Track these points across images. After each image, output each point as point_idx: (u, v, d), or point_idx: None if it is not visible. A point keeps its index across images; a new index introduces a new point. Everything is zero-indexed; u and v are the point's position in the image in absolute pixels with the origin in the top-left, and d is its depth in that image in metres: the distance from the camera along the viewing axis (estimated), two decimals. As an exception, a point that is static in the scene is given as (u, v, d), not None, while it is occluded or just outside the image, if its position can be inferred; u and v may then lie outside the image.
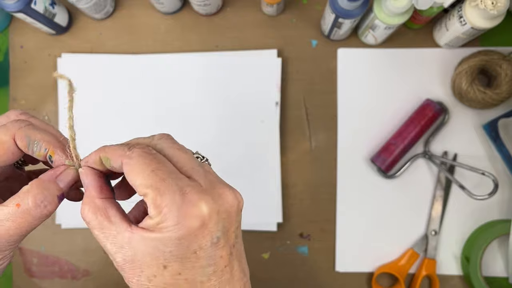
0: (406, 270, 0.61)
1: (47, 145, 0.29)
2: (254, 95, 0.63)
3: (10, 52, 0.65)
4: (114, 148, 0.27)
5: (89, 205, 0.26)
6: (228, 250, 0.26)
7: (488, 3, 0.50)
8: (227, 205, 0.26)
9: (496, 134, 0.59)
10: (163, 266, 0.24)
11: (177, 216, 0.24)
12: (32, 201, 0.26)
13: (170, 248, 0.24)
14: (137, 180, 0.25)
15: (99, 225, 0.26)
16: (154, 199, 0.24)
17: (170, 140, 0.29)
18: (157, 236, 0.24)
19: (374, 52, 0.63)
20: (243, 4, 0.64)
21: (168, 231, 0.24)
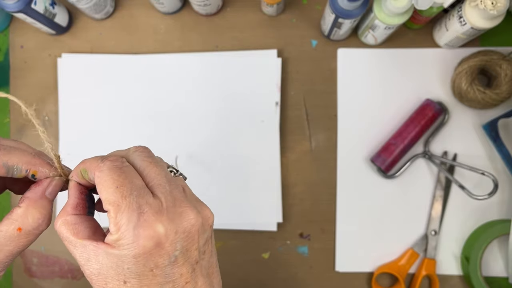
0: (406, 270, 0.61)
1: (27, 166, 0.29)
2: (254, 95, 0.63)
3: (10, 52, 0.66)
4: (91, 160, 0.28)
5: (61, 219, 0.28)
6: (190, 267, 0.27)
7: (488, 3, 0.50)
8: (187, 224, 0.27)
9: (496, 134, 0.59)
10: (123, 281, 0.25)
11: (132, 235, 0.25)
12: (33, 222, 0.27)
13: (127, 265, 0.25)
14: (103, 195, 0.26)
15: (67, 238, 0.27)
16: (114, 217, 0.25)
17: (144, 153, 0.29)
18: (116, 252, 0.25)
19: (374, 52, 0.63)
20: (243, 4, 0.65)
21: (124, 248, 0.25)
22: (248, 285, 0.63)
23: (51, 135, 0.65)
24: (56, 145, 0.64)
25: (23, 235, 0.27)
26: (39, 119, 0.65)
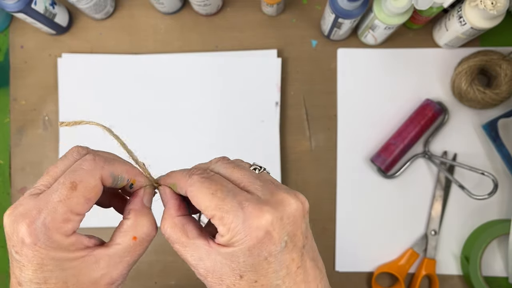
0: (406, 270, 0.61)
1: (129, 175, 0.31)
2: (254, 95, 0.63)
3: (10, 52, 0.66)
4: (178, 176, 0.30)
5: (168, 222, 0.29)
6: (298, 252, 0.28)
7: (487, 3, 0.50)
8: (290, 209, 0.27)
9: (495, 134, 0.59)
10: (239, 276, 0.26)
11: (243, 229, 0.26)
12: (145, 229, 0.30)
13: (243, 258, 0.26)
14: (201, 205, 0.27)
15: (178, 240, 0.29)
16: (220, 219, 0.27)
17: (225, 161, 0.31)
18: (230, 250, 0.26)
19: (374, 52, 0.63)
20: (243, 4, 0.65)
21: (238, 244, 0.26)
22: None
23: (51, 135, 0.65)
24: (56, 145, 0.64)
25: (138, 244, 0.29)
26: (39, 119, 0.65)
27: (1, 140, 0.65)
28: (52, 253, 0.26)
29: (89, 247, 0.28)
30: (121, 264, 0.29)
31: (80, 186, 0.27)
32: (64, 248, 0.27)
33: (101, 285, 0.28)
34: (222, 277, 0.27)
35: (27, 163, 0.64)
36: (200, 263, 0.28)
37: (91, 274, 0.28)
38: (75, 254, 0.27)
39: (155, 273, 0.63)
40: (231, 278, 0.27)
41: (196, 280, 0.67)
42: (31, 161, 0.64)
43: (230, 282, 0.27)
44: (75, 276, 0.27)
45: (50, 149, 0.64)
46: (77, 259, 0.27)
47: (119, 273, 0.29)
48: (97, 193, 0.28)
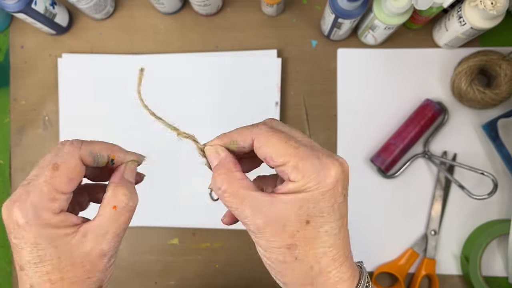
0: (405, 269, 0.61)
1: (107, 151, 0.32)
2: (254, 95, 0.63)
3: (10, 52, 0.66)
4: (239, 130, 0.31)
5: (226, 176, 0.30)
6: (347, 207, 0.31)
7: (487, 3, 0.50)
8: (346, 167, 0.30)
9: (495, 134, 0.59)
10: (306, 221, 0.28)
11: (318, 176, 0.28)
12: (123, 197, 0.30)
13: (313, 204, 0.28)
14: (273, 152, 0.28)
15: (236, 193, 0.29)
16: (295, 165, 0.28)
17: (280, 122, 0.32)
18: (302, 195, 0.27)
19: (373, 52, 0.63)
20: (243, 4, 0.65)
21: (313, 189, 0.28)
22: (247, 284, 0.63)
23: (51, 135, 0.65)
24: (55, 145, 0.64)
25: (119, 213, 0.30)
26: (40, 119, 0.65)
27: (1, 140, 0.65)
28: (43, 231, 0.28)
29: (77, 224, 0.30)
30: (108, 235, 0.30)
31: (62, 166, 0.30)
32: (53, 225, 0.29)
33: (93, 257, 0.29)
34: (286, 224, 0.27)
35: (27, 163, 0.65)
36: (258, 215, 0.28)
37: (82, 248, 0.29)
38: (65, 231, 0.29)
39: (155, 273, 0.63)
40: (296, 225, 0.27)
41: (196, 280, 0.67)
42: (31, 161, 0.64)
43: (294, 228, 0.28)
44: (67, 252, 0.29)
45: (50, 149, 0.64)
46: (68, 236, 0.29)
47: (108, 244, 0.30)
48: (78, 172, 0.30)
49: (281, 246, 0.28)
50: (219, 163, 0.31)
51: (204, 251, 0.63)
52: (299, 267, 0.28)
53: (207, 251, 0.63)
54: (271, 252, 0.29)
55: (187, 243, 0.63)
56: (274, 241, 0.28)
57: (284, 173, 0.29)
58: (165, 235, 0.64)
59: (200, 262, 0.63)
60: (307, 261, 0.28)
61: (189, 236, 0.63)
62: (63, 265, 0.29)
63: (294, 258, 0.28)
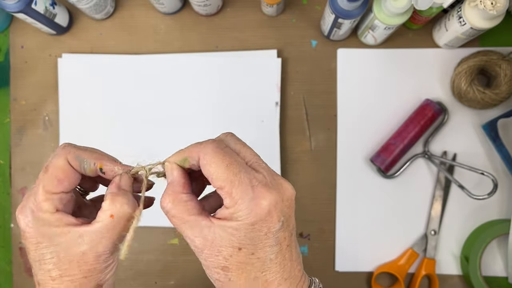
0: (405, 269, 0.61)
1: (95, 160, 0.33)
2: (254, 95, 0.63)
3: (10, 52, 0.66)
4: (190, 147, 0.32)
5: (171, 198, 0.30)
6: (289, 232, 0.31)
7: (487, 3, 0.50)
8: (288, 194, 0.30)
9: (495, 134, 0.59)
10: (238, 248, 0.29)
11: (249, 206, 0.28)
12: (121, 207, 0.31)
13: (244, 233, 0.29)
14: (213, 174, 0.29)
15: (179, 216, 0.30)
16: (229, 192, 0.29)
17: (234, 137, 0.33)
18: (233, 224, 0.29)
19: (373, 52, 0.63)
20: (243, 4, 0.65)
21: (242, 219, 0.28)
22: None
23: (51, 135, 0.65)
24: (56, 145, 0.64)
25: (116, 221, 0.31)
26: (40, 119, 0.65)
27: (1, 140, 0.65)
28: (42, 229, 0.30)
29: (75, 224, 0.31)
30: (104, 240, 0.31)
31: (50, 167, 0.31)
32: (51, 224, 0.30)
33: (89, 258, 0.31)
34: (221, 249, 0.29)
35: (27, 163, 0.65)
36: (198, 237, 0.30)
37: (78, 248, 0.30)
38: (62, 229, 0.30)
39: (155, 273, 0.63)
40: (229, 250, 0.29)
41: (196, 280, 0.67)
42: (31, 161, 0.64)
43: (227, 253, 0.29)
44: (65, 249, 0.30)
45: (50, 149, 0.64)
46: (65, 235, 0.30)
47: (103, 247, 0.31)
48: (65, 172, 0.31)
49: (216, 266, 0.30)
50: (169, 182, 0.32)
51: (204, 251, 0.63)
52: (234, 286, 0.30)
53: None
54: (209, 270, 0.30)
55: (187, 243, 0.63)
56: (211, 261, 0.30)
57: (220, 197, 0.30)
58: (165, 235, 0.64)
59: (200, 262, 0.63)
60: (239, 284, 0.30)
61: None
62: (62, 263, 0.30)
63: (228, 279, 0.30)
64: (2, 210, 0.64)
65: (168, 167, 0.32)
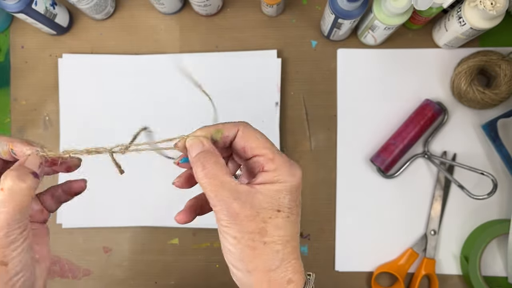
0: (405, 269, 0.61)
1: (6, 141, 0.34)
2: (254, 95, 0.63)
3: (11, 52, 0.66)
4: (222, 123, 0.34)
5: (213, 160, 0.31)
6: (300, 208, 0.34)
7: (487, 4, 0.50)
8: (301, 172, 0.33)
9: (495, 134, 0.59)
10: (277, 210, 0.30)
11: (289, 172, 0.31)
12: (10, 180, 0.31)
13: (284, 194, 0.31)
14: (254, 142, 0.32)
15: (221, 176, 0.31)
16: (271, 158, 0.31)
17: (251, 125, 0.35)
18: (275, 186, 0.31)
19: (373, 52, 0.63)
20: (243, 5, 0.65)
21: (283, 181, 0.31)
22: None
23: (51, 135, 0.65)
24: (56, 145, 0.64)
25: (7, 195, 0.31)
26: (40, 119, 0.65)
27: (2, 140, 0.65)
28: None
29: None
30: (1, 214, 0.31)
31: None
32: None
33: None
34: (260, 211, 0.30)
35: (27, 163, 0.65)
36: (236, 200, 0.30)
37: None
38: None
39: (155, 273, 0.64)
40: (268, 212, 0.30)
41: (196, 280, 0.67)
42: (32, 161, 0.64)
43: (266, 215, 0.30)
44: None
45: (50, 149, 0.64)
46: None
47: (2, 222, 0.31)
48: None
49: (253, 231, 0.30)
50: (202, 151, 0.32)
51: (204, 251, 0.63)
52: (267, 252, 0.30)
53: (207, 251, 0.63)
54: (241, 238, 0.30)
55: (187, 243, 0.64)
56: (247, 226, 0.30)
57: (257, 164, 0.32)
58: (165, 235, 0.64)
59: (200, 262, 0.63)
60: (275, 247, 0.30)
61: (189, 236, 0.63)
62: None
63: (263, 243, 0.30)
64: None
65: (195, 140, 0.33)
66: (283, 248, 0.31)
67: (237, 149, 0.34)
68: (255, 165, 0.32)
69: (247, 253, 0.30)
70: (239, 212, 0.30)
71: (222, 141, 0.34)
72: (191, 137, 0.34)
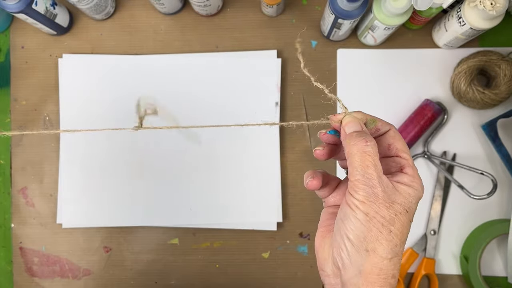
0: (405, 269, 0.61)
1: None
2: (254, 95, 0.63)
3: (11, 52, 0.66)
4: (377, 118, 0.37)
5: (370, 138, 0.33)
6: None
7: (487, 4, 0.50)
8: None
9: (495, 134, 0.59)
10: (406, 210, 0.32)
11: (421, 183, 0.33)
12: None
13: (413, 200, 0.33)
14: (400, 145, 0.35)
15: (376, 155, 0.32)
16: (411, 164, 0.34)
17: None
18: (410, 190, 0.33)
19: (373, 52, 0.63)
20: (243, 5, 0.65)
21: (417, 189, 0.33)
22: (248, 284, 0.63)
23: (51, 135, 0.65)
24: (56, 145, 0.64)
25: None
26: (40, 119, 0.65)
27: (2, 140, 0.65)
28: None
29: None
30: None
31: None
32: None
33: None
34: (394, 204, 0.32)
35: (27, 163, 0.65)
36: (378, 184, 0.32)
37: None
38: None
39: (155, 273, 0.64)
40: (400, 208, 0.32)
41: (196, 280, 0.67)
42: (32, 161, 0.65)
43: (398, 210, 0.32)
44: None
45: (50, 149, 0.65)
46: None
47: None
48: None
49: (385, 216, 0.31)
50: (360, 131, 0.35)
51: (204, 251, 0.63)
52: (390, 240, 0.31)
53: (207, 251, 0.63)
54: (373, 217, 0.31)
55: (187, 243, 0.64)
56: (382, 210, 0.31)
57: (398, 164, 0.34)
58: (165, 235, 0.64)
59: (200, 262, 0.63)
60: (396, 240, 0.32)
61: (189, 236, 0.64)
62: None
63: (390, 231, 0.32)
64: (2, 210, 0.65)
65: (355, 119, 0.36)
66: (400, 244, 0.32)
67: (382, 145, 0.35)
68: (394, 164, 0.35)
69: (373, 232, 0.31)
70: (380, 195, 0.31)
71: (370, 132, 0.36)
72: (350, 115, 0.37)
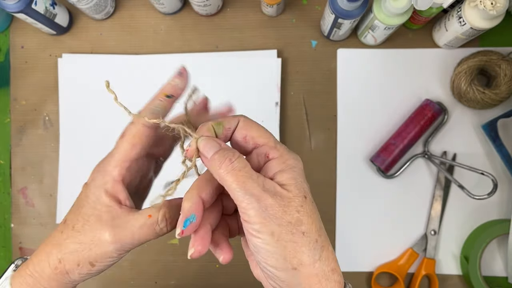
0: (405, 269, 0.61)
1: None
2: (254, 95, 0.63)
3: (11, 52, 0.66)
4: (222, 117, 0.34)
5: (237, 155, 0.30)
6: None
7: (487, 4, 0.50)
8: None
9: (495, 134, 0.59)
10: (304, 196, 0.30)
11: (292, 156, 0.31)
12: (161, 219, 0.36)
13: (301, 179, 0.30)
14: (256, 132, 0.32)
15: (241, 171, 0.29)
16: (274, 146, 0.31)
17: None
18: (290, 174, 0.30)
19: (373, 52, 0.63)
20: (243, 5, 0.65)
21: (293, 167, 0.30)
22: (248, 284, 0.63)
23: (51, 135, 0.65)
24: (56, 145, 0.64)
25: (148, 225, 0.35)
26: (40, 119, 0.65)
27: (2, 140, 0.65)
28: None
29: None
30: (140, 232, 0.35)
31: None
32: None
33: None
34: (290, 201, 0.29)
35: (27, 163, 0.65)
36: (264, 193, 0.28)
37: None
38: None
39: (155, 273, 0.63)
40: (299, 199, 0.29)
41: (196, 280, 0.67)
42: (32, 161, 0.65)
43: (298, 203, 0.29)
44: None
45: (50, 149, 0.65)
46: None
47: None
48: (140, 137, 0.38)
49: (290, 221, 0.28)
50: (220, 149, 0.30)
51: (204, 251, 0.63)
52: (308, 242, 0.28)
53: (207, 251, 0.63)
54: (280, 232, 0.28)
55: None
56: (283, 218, 0.28)
57: (262, 154, 0.31)
58: (165, 235, 0.63)
59: (200, 262, 0.63)
60: (313, 235, 0.29)
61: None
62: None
63: (302, 233, 0.28)
64: (2, 210, 0.64)
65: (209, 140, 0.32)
66: (319, 236, 0.29)
67: (238, 140, 0.32)
68: (260, 157, 0.31)
69: (289, 248, 0.28)
70: (273, 203, 0.28)
71: (224, 135, 0.32)
72: (201, 138, 0.32)
